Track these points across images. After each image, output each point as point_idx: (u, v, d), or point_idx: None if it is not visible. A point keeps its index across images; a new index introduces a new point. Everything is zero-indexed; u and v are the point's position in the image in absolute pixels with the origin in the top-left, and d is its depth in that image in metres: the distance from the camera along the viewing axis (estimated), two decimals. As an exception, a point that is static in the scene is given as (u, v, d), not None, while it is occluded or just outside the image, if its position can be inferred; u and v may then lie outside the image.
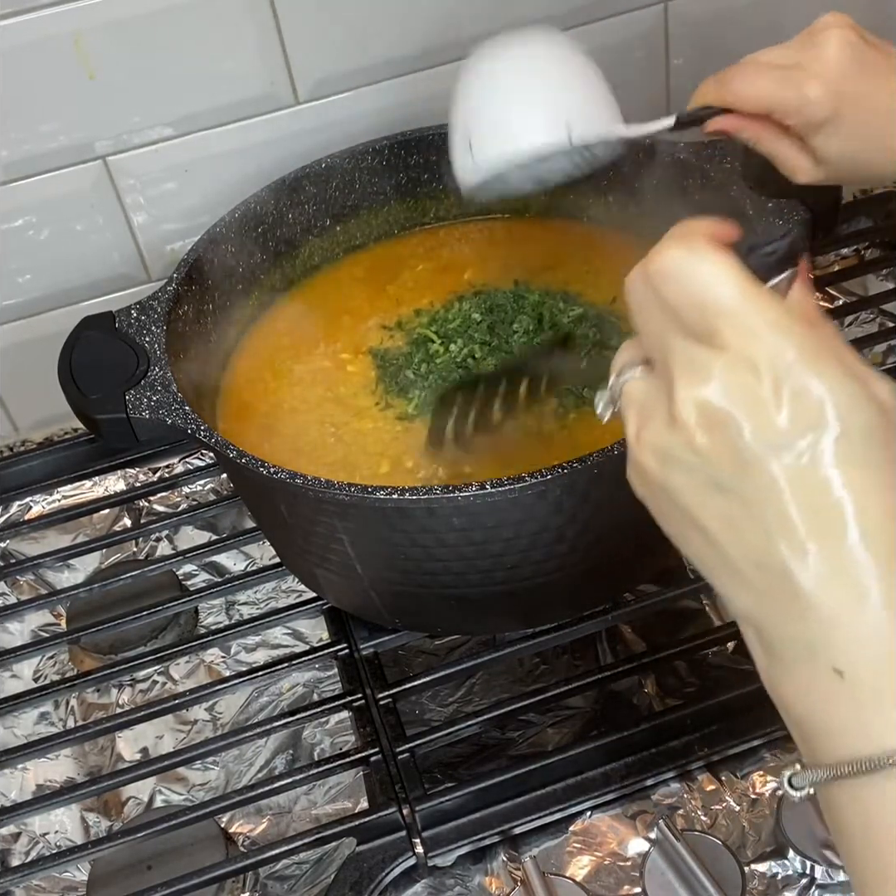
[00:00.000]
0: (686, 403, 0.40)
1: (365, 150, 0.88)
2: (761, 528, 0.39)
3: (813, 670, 0.38)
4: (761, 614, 0.40)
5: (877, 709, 0.37)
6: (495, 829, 0.69)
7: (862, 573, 0.37)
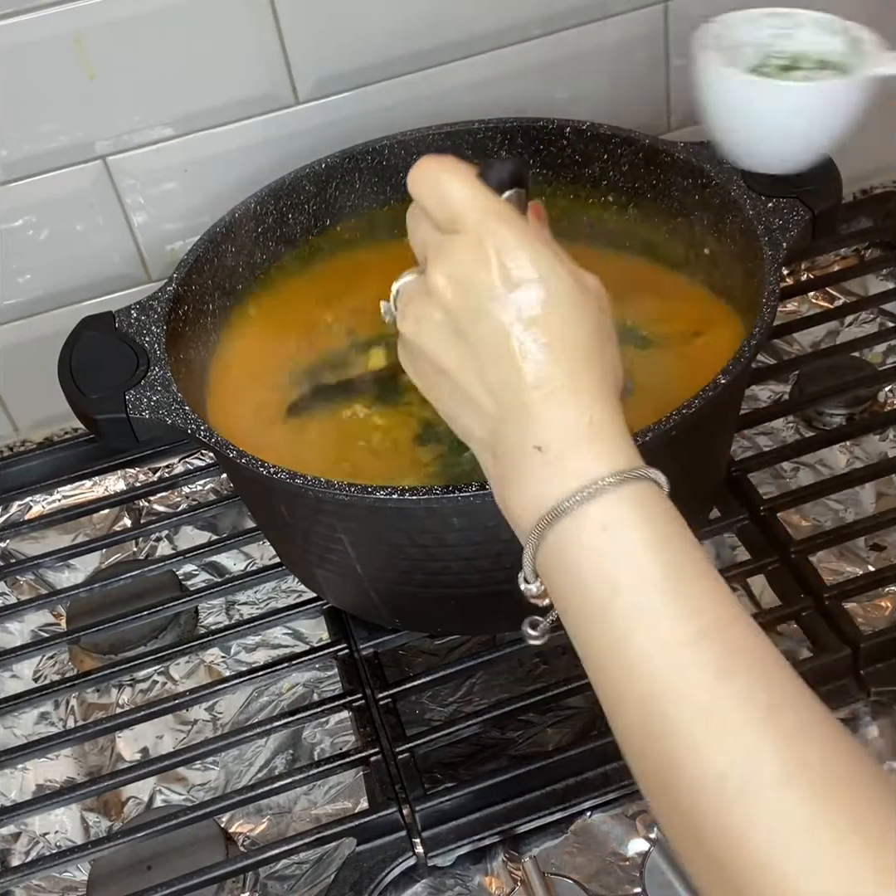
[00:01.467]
0: (436, 275, 0.51)
1: (365, 150, 0.88)
2: (493, 361, 0.50)
3: (522, 454, 0.49)
4: (495, 433, 0.51)
5: (559, 465, 0.48)
6: (495, 829, 0.69)
7: (557, 379, 0.49)
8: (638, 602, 0.45)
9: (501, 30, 0.92)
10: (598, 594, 0.46)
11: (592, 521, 0.46)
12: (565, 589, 0.48)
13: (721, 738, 0.42)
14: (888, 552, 0.82)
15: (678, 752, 0.43)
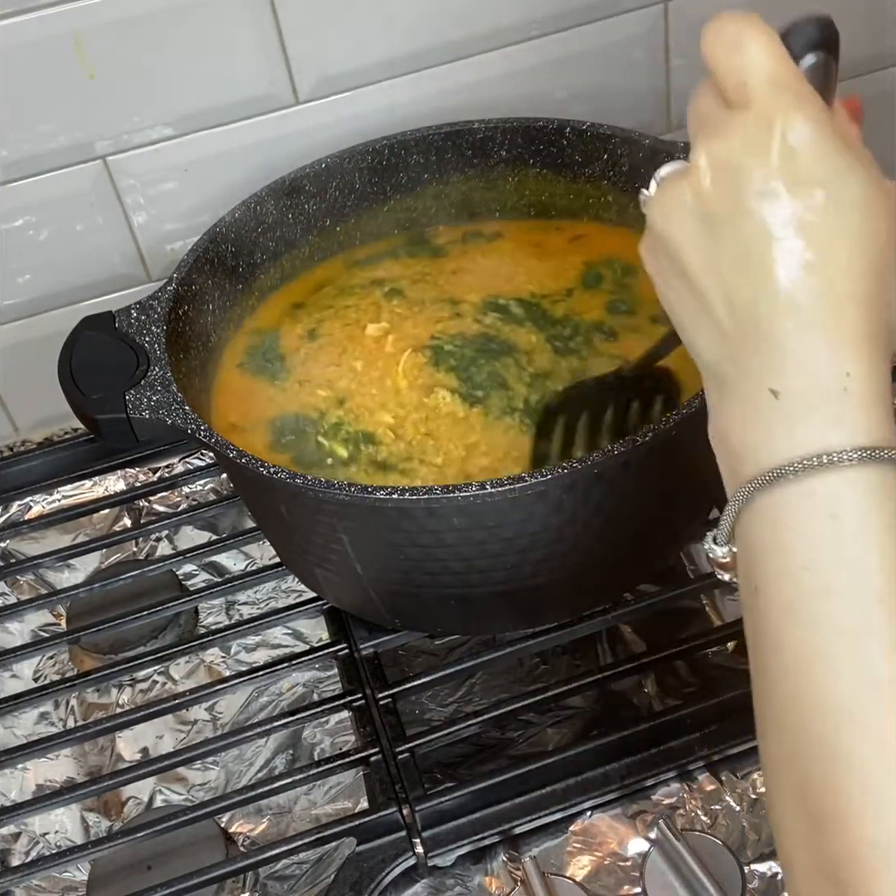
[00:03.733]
0: (700, 152, 0.43)
1: (365, 150, 0.88)
2: (741, 270, 0.42)
3: (755, 395, 0.42)
4: (724, 355, 0.43)
5: (804, 418, 0.40)
6: (495, 829, 0.69)
7: (817, 311, 0.41)
8: (851, 614, 0.38)
9: (501, 30, 0.92)
10: (802, 587, 0.39)
11: (818, 500, 0.40)
12: (763, 566, 0.41)
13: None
14: (888, 552, 0.82)
15: (842, 798, 0.38)
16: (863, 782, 0.37)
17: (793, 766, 0.40)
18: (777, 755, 0.41)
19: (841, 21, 0.99)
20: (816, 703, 0.38)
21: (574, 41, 0.94)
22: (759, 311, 0.41)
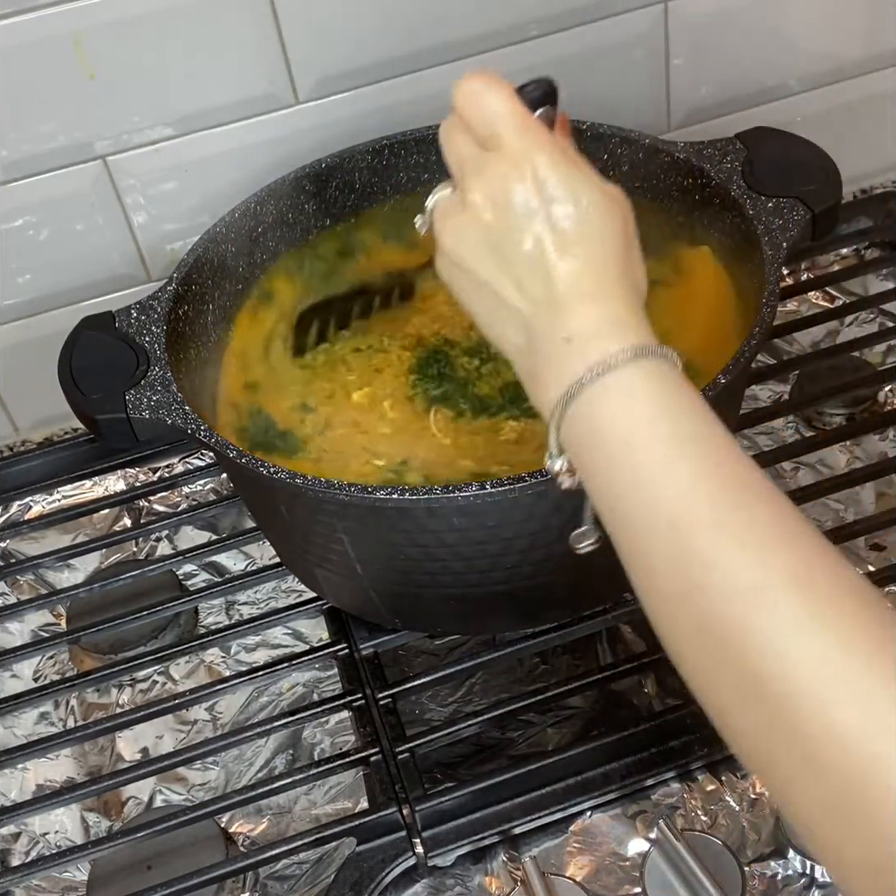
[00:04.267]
0: (475, 193, 0.55)
1: (365, 150, 0.88)
2: (528, 271, 0.54)
3: (555, 345, 0.53)
4: (528, 332, 0.54)
5: (583, 347, 0.52)
6: (495, 829, 0.69)
7: (586, 284, 0.53)
8: (652, 457, 0.48)
9: (501, 30, 0.92)
10: (616, 452, 0.49)
11: (610, 390, 0.50)
12: (588, 453, 0.51)
13: (735, 550, 0.45)
14: (888, 552, 0.82)
15: (702, 568, 0.45)
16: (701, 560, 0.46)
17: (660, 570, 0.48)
18: (648, 566, 0.49)
19: (840, 21, 1.00)
20: (653, 515, 0.48)
21: (574, 41, 0.94)
22: (546, 293, 0.53)
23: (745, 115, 1.01)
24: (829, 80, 1.03)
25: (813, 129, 0.82)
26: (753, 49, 1.00)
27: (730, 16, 0.97)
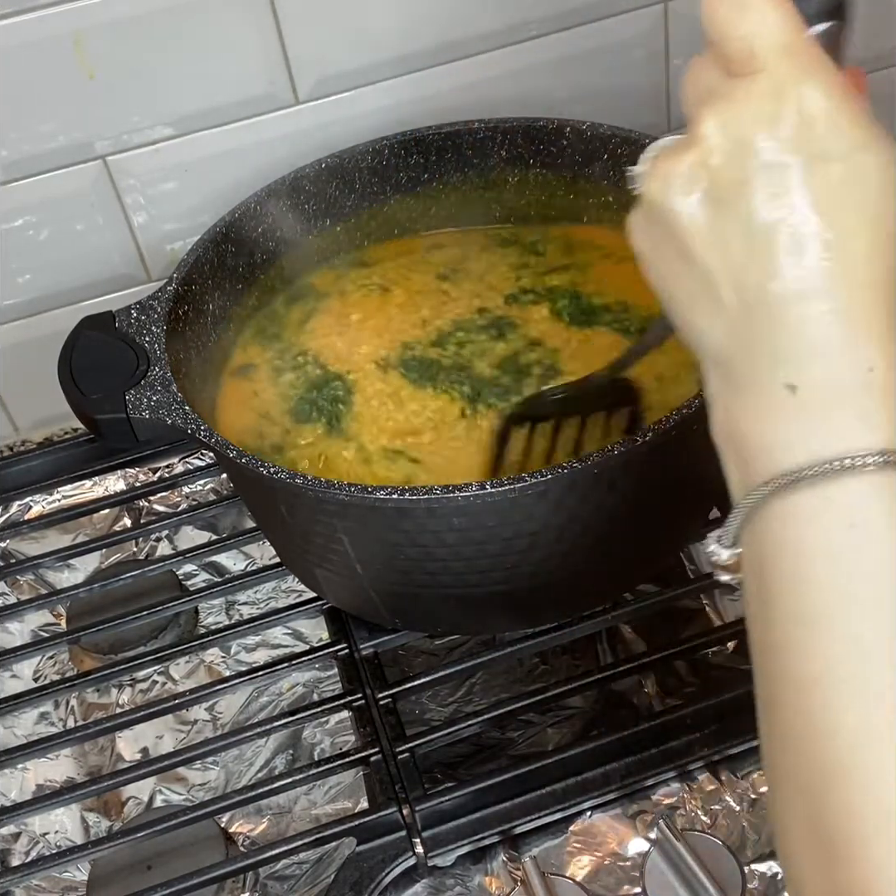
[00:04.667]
0: (706, 122, 0.40)
1: (365, 150, 0.88)
2: (748, 248, 0.39)
3: (769, 388, 0.38)
4: (731, 340, 0.40)
5: (823, 418, 0.37)
6: (495, 829, 0.69)
7: (832, 297, 0.37)
8: (867, 629, 0.36)
9: (501, 30, 0.92)
10: (817, 598, 0.37)
11: (837, 507, 0.37)
12: (775, 576, 0.38)
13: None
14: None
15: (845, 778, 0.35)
16: (877, 803, 0.35)
17: (800, 787, 0.37)
18: (782, 772, 0.38)
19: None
20: (827, 721, 0.36)
21: (574, 41, 0.94)
22: (772, 293, 0.38)
23: (745, 115, 1.01)
24: (829, 80, 1.03)
25: (813, 129, 0.82)
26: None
27: (730, 16, 0.97)
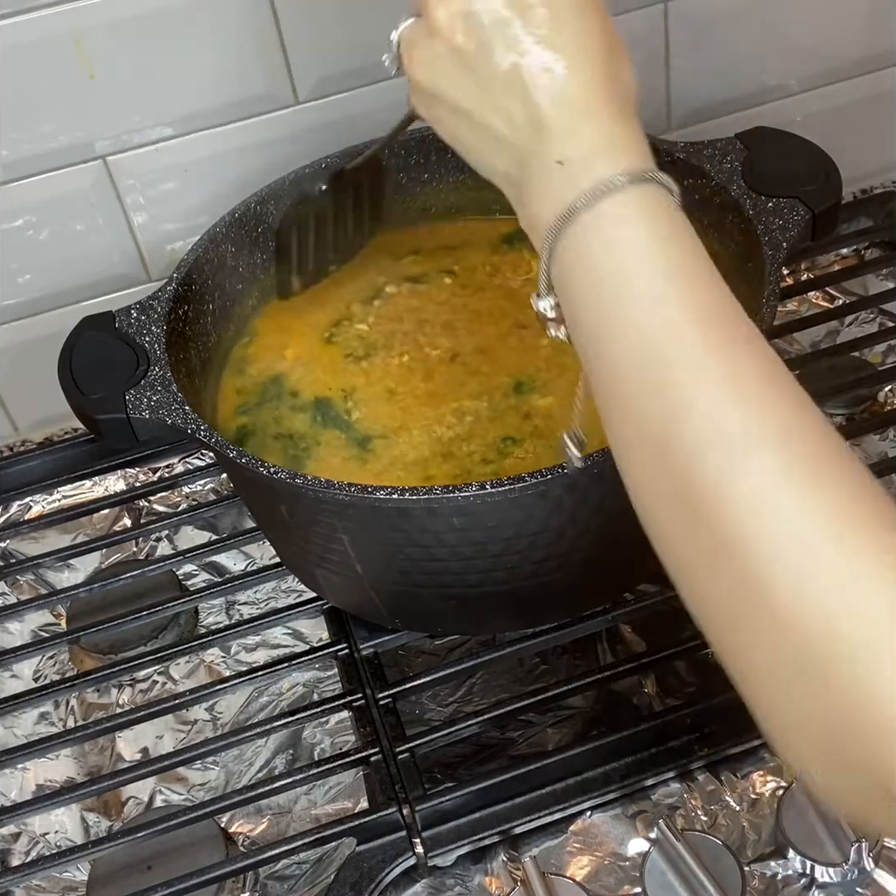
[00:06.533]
0: (438, 12, 0.50)
1: (365, 150, 0.88)
2: (508, 90, 0.49)
3: (545, 172, 0.49)
4: (517, 161, 0.50)
5: (576, 171, 0.48)
6: (495, 829, 0.69)
7: (575, 98, 0.49)
8: (650, 291, 0.45)
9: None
10: (605, 283, 0.46)
11: (602, 218, 0.47)
12: (577, 288, 0.48)
13: (715, 393, 0.43)
14: (888, 552, 0.82)
15: (679, 407, 0.43)
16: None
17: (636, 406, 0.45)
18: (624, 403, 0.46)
19: (840, 21, 1.00)
20: (638, 347, 0.45)
21: (574, 41, 0.94)
22: (536, 115, 0.49)
23: (745, 115, 1.01)
24: (829, 80, 1.03)
25: (813, 129, 0.82)
26: (753, 49, 1.00)
27: (730, 16, 0.97)
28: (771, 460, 0.40)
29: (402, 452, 0.75)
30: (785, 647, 0.39)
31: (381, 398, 0.79)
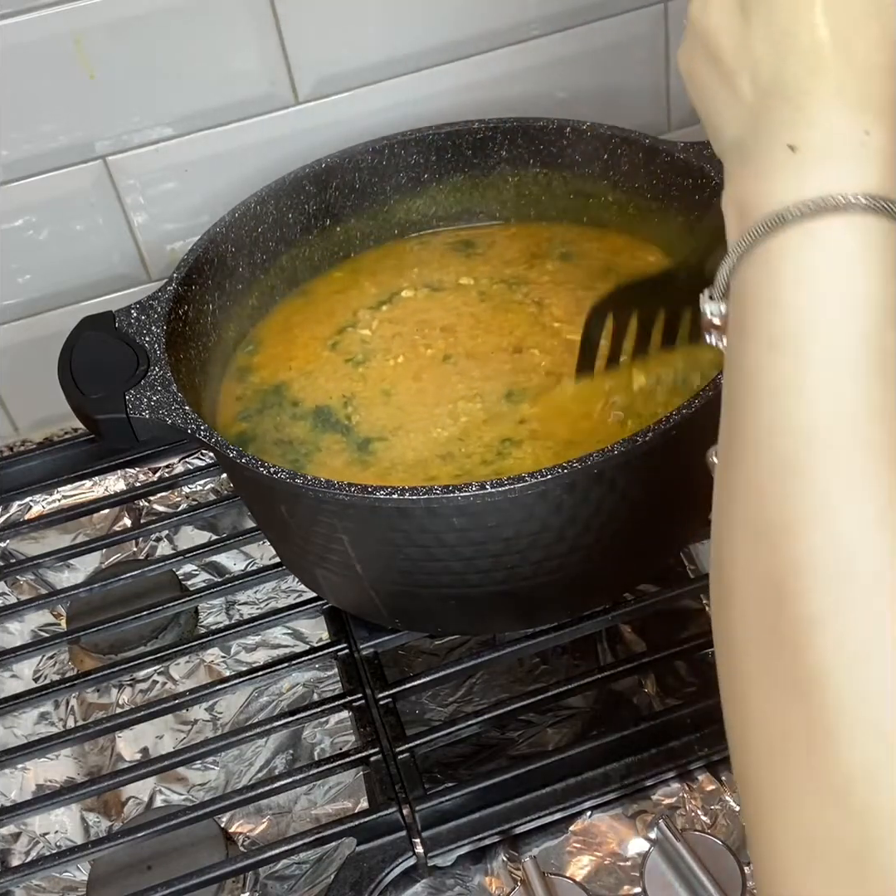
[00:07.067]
0: None
1: (365, 150, 0.88)
2: (771, 46, 0.42)
3: (771, 151, 0.41)
4: (748, 127, 0.43)
5: (816, 166, 0.40)
6: (495, 829, 0.69)
7: (842, 78, 0.41)
8: (832, 348, 0.38)
9: (501, 30, 0.92)
10: (788, 321, 0.39)
11: (817, 241, 0.39)
12: (752, 307, 0.40)
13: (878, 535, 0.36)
14: (888, 552, 0.82)
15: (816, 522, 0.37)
16: (814, 493, 0.37)
17: (751, 484, 0.39)
18: (737, 480, 0.40)
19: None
20: (785, 427, 0.38)
21: (574, 41, 0.94)
22: (785, 79, 0.42)
23: (745, 115, 1.01)
24: (829, 80, 1.03)
25: (813, 129, 0.82)
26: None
27: (730, 16, 0.97)
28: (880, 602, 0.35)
29: (401, 454, 0.75)
30: (834, 823, 0.34)
31: (378, 401, 0.79)
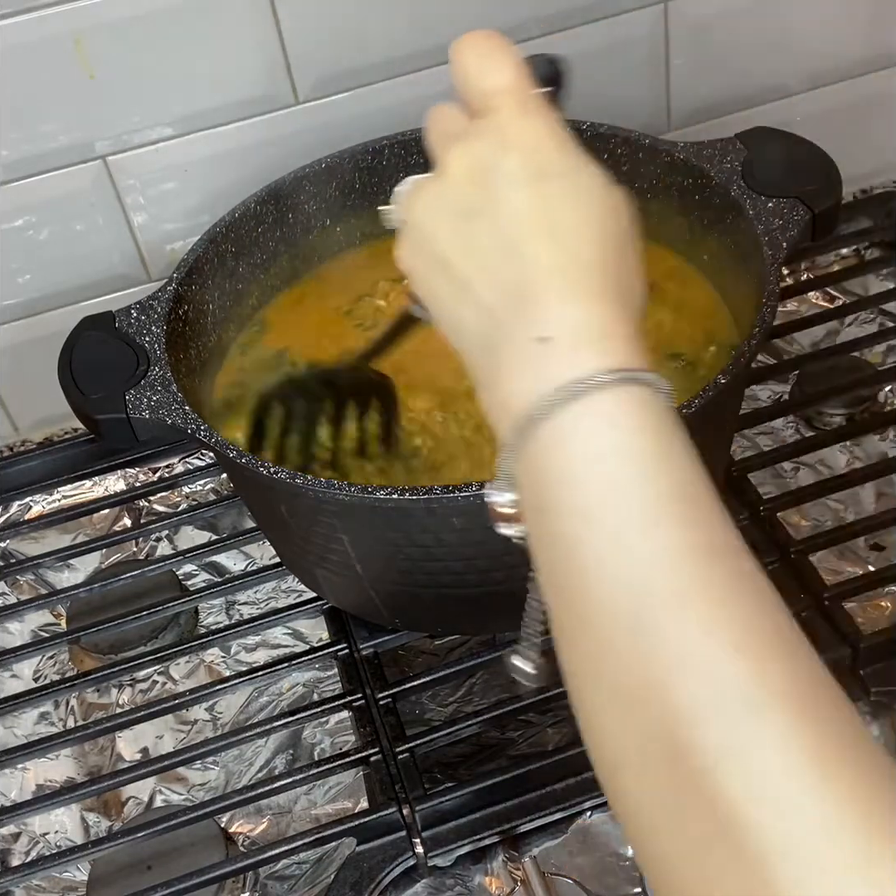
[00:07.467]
0: (454, 157, 0.47)
1: (365, 150, 0.88)
2: (502, 252, 0.45)
3: (522, 346, 0.43)
4: (491, 327, 0.45)
5: (563, 356, 0.42)
6: (495, 829, 0.69)
7: (575, 278, 0.44)
8: (626, 516, 0.40)
9: (501, 30, 0.91)
10: (579, 504, 0.41)
11: (582, 421, 0.41)
12: (543, 495, 0.42)
13: (719, 651, 0.37)
14: (888, 552, 0.82)
15: (661, 667, 0.38)
16: (669, 642, 0.38)
17: (604, 651, 0.41)
18: (586, 652, 0.42)
19: (840, 21, 1.00)
20: (615, 589, 0.39)
21: (574, 41, 0.94)
22: (522, 283, 0.44)
23: (745, 115, 1.01)
24: (829, 80, 1.03)
25: (813, 129, 0.82)
26: (753, 49, 1.00)
27: (730, 16, 0.97)
28: (788, 736, 0.35)
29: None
30: None
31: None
